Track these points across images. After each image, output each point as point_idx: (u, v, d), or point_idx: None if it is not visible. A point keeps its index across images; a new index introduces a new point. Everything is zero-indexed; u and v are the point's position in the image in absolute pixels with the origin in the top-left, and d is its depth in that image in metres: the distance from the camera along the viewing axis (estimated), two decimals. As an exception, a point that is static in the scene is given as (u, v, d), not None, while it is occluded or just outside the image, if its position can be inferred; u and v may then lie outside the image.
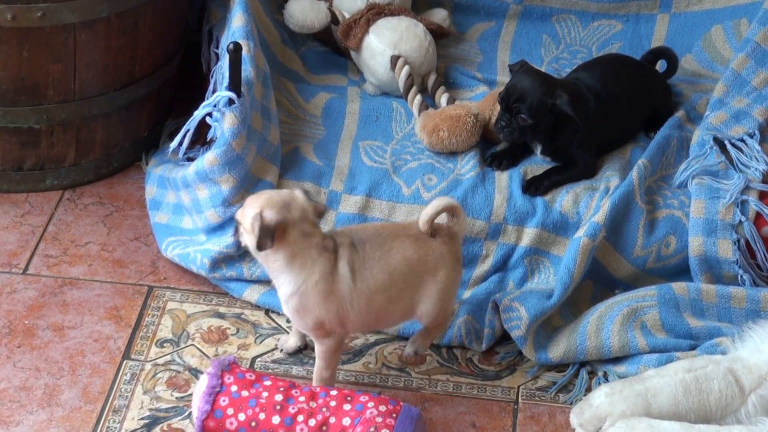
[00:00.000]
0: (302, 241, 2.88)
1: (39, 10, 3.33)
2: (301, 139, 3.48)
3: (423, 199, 3.32)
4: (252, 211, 2.84)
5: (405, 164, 3.42)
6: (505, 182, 3.39)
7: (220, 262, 3.30)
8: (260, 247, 2.82)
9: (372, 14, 3.71)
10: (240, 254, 3.29)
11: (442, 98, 3.62)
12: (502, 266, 3.32)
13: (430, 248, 2.98)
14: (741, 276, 3.27)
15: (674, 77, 3.79)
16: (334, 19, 3.77)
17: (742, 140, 3.45)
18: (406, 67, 3.61)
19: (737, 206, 3.31)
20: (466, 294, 3.29)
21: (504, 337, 3.21)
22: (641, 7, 3.96)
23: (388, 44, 3.65)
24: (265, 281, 3.30)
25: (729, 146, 3.43)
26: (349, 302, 2.92)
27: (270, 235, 2.82)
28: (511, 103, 3.37)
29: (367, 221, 3.30)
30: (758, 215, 3.31)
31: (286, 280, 2.91)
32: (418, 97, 3.60)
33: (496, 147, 3.51)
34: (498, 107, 3.46)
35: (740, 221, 3.29)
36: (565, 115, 3.35)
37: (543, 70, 3.77)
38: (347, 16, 3.75)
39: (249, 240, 2.87)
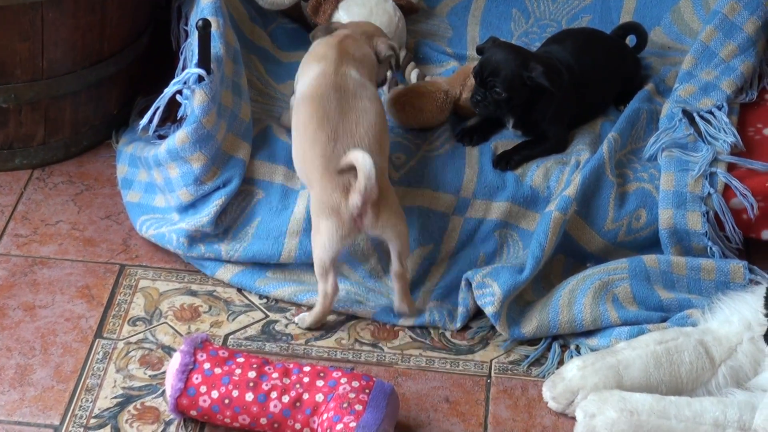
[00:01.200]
0: None
1: (4, -12, 3.34)
2: (274, 120, 3.48)
3: (392, 179, 3.31)
4: None
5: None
6: (476, 157, 3.41)
7: (197, 241, 3.30)
8: None
9: (341, -11, 3.72)
10: (217, 233, 3.29)
11: (412, 74, 3.63)
12: (468, 241, 3.32)
13: None
14: (710, 248, 3.29)
15: (644, 50, 3.80)
16: (304, -5, 3.78)
17: (711, 112, 3.47)
18: (376, 43, 3.62)
19: (706, 178, 3.32)
20: (439, 270, 3.30)
21: (477, 312, 3.22)
22: (611, -21, 3.97)
23: (357, 20, 3.65)
24: (240, 262, 3.31)
25: (698, 118, 3.45)
26: None
27: None
28: (485, 77, 3.38)
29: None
30: (727, 187, 3.33)
31: None
32: (389, 73, 3.61)
33: (467, 122, 3.51)
34: (469, 82, 3.47)
35: (709, 193, 3.31)
36: (538, 88, 3.36)
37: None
38: (316, -9, 3.75)
39: None
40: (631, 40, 3.77)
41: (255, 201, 3.33)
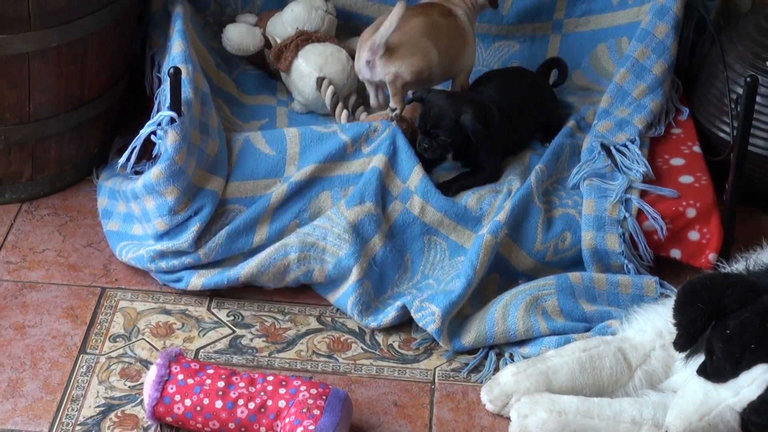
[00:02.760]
0: None
1: (-5, 41, 3.33)
2: (250, 134, 3.48)
3: (363, 152, 3.38)
4: None
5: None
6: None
7: (176, 255, 3.29)
8: None
9: (301, 40, 3.71)
10: (192, 250, 3.29)
11: (361, 116, 3.64)
12: (401, 230, 3.34)
13: None
14: (626, 265, 3.31)
15: (566, 91, 3.83)
16: (267, 44, 3.77)
17: (625, 146, 3.50)
18: (331, 88, 3.63)
19: (622, 204, 3.35)
20: (373, 250, 3.31)
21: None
22: (536, 29, 3.98)
23: (314, 67, 3.66)
24: (209, 266, 3.31)
25: (614, 151, 3.48)
26: None
27: None
28: (429, 128, 3.39)
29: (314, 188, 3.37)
30: (640, 211, 3.35)
31: None
32: (345, 112, 3.62)
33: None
34: (415, 112, 3.48)
35: (625, 217, 3.33)
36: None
37: (450, 87, 3.81)
38: (279, 41, 3.75)
39: None
40: (554, 75, 3.80)
41: (235, 217, 3.34)
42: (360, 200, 3.31)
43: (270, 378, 2.92)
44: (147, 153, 3.41)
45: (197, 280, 3.29)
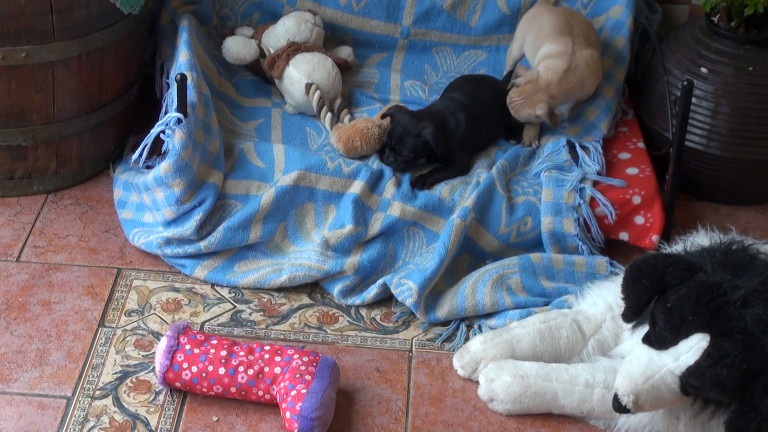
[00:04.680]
0: None
1: (23, 51, 3.31)
2: (244, 146, 3.45)
3: (343, 172, 3.35)
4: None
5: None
6: (398, 177, 3.41)
7: (180, 243, 3.28)
8: None
9: (291, 50, 3.70)
10: (194, 238, 3.27)
11: (345, 118, 3.63)
12: (385, 233, 3.31)
13: None
14: (581, 246, 3.31)
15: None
16: (262, 54, 3.76)
17: (591, 145, 3.50)
18: (318, 92, 3.61)
19: (577, 192, 3.34)
20: (360, 248, 3.29)
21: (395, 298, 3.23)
22: (500, 40, 3.96)
23: (303, 74, 3.64)
24: (213, 259, 3.29)
25: (579, 148, 3.47)
26: None
27: None
28: (394, 145, 3.39)
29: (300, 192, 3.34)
30: (592, 199, 3.35)
31: None
32: (329, 114, 3.61)
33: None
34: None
35: (579, 204, 3.33)
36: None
37: (426, 92, 3.80)
38: (272, 51, 3.74)
39: None
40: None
41: (233, 211, 3.31)
42: (341, 225, 3.30)
43: (267, 347, 2.91)
44: (157, 149, 3.39)
45: (201, 271, 3.28)
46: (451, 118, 3.48)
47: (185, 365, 2.86)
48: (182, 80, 3.21)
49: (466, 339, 3.14)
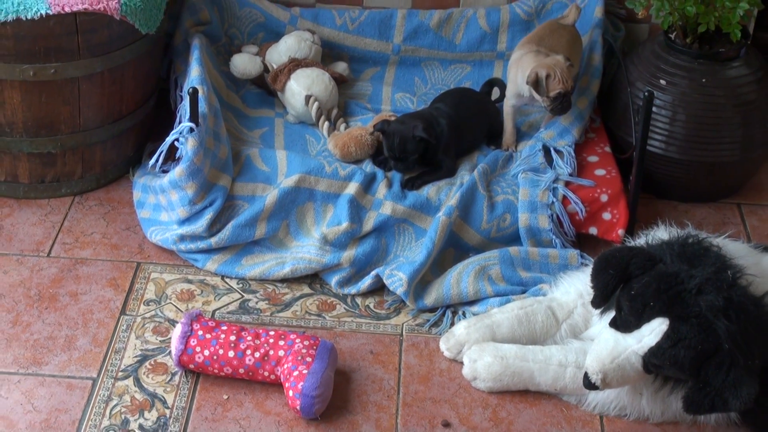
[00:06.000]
0: None
1: (52, 68, 3.31)
2: (250, 152, 3.45)
3: (339, 174, 3.34)
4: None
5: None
6: (389, 179, 3.41)
7: (193, 239, 3.27)
8: None
9: (292, 66, 3.69)
10: (206, 235, 3.27)
11: (341, 126, 3.62)
12: (377, 228, 3.31)
13: None
14: (554, 240, 3.30)
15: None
16: (266, 69, 3.76)
17: (564, 149, 3.49)
18: (316, 104, 3.61)
19: (551, 191, 3.34)
20: (356, 243, 3.28)
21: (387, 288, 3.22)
22: (483, 56, 3.95)
23: (303, 87, 3.64)
24: (223, 254, 3.28)
25: (553, 152, 3.47)
26: None
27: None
28: (398, 155, 3.38)
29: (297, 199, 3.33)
30: (564, 197, 3.35)
31: None
32: (327, 123, 3.60)
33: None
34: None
35: (553, 202, 3.33)
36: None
37: (415, 102, 3.79)
38: (275, 67, 3.73)
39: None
40: (496, 92, 3.78)
41: (240, 211, 3.31)
42: (338, 222, 3.30)
43: (272, 333, 2.91)
44: (172, 155, 3.39)
45: (212, 264, 3.28)
46: (436, 121, 3.47)
47: (198, 349, 2.86)
48: (194, 93, 3.21)
49: (452, 324, 3.14)
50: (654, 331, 2.62)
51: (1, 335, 3.04)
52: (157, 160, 3.33)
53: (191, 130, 3.24)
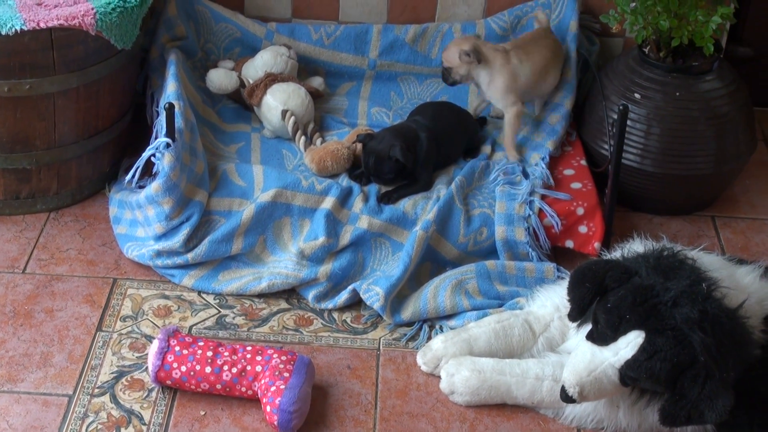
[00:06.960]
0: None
1: (27, 83, 3.30)
2: (227, 167, 3.45)
3: (316, 190, 3.35)
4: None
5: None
6: (366, 193, 3.41)
7: (170, 255, 3.27)
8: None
9: (269, 80, 3.69)
10: (182, 250, 3.26)
11: (318, 141, 3.63)
12: (354, 242, 3.31)
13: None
14: (531, 253, 3.32)
15: (485, 119, 3.82)
16: (242, 84, 3.75)
17: (537, 164, 3.51)
18: (293, 118, 3.61)
19: (527, 204, 3.36)
20: (332, 257, 3.28)
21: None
22: (458, 70, 3.98)
23: (279, 102, 3.64)
24: (199, 269, 3.28)
25: (529, 166, 3.51)
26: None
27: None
28: (374, 172, 3.40)
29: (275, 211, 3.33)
30: (541, 211, 3.36)
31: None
32: (303, 138, 3.60)
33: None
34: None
35: (529, 215, 3.34)
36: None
37: (391, 117, 3.80)
38: (251, 81, 3.73)
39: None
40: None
41: (217, 226, 3.31)
42: (315, 237, 3.29)
43: (249, 348, 2.91)
44: (148, 171, 3.38)
45: (188, 280, 3.27)
46: (416, 135, 3.47)
47: (175, 365, 2.85)
48: (170, 108, 3.21)
49: (429, 338, 3.14)
50: (630, 343, 2.63)
51: (-25, 352, 3.03)
52: (133, 176, 3.32)
53: (167, 145, 3.23)
